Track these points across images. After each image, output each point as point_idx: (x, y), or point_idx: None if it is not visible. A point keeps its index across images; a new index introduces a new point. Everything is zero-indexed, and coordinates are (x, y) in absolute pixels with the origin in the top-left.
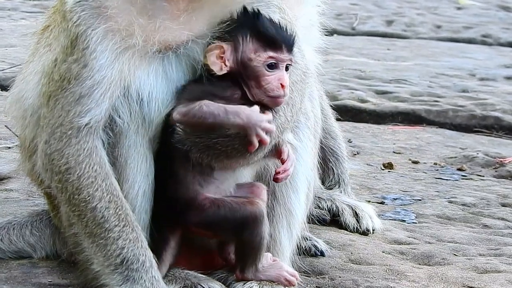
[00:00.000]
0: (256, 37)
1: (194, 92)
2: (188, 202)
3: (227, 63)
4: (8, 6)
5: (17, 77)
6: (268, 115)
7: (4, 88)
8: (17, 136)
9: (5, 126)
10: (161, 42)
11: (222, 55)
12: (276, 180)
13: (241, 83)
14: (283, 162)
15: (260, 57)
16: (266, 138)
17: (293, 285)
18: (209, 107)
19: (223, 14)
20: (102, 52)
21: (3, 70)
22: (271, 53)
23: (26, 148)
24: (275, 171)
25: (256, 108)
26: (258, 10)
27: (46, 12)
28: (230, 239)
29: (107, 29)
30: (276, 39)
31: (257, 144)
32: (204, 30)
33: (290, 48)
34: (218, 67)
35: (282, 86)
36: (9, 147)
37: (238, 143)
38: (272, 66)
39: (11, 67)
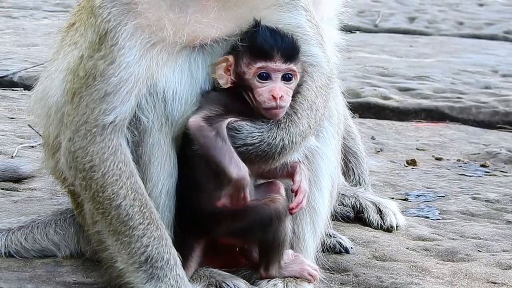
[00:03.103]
0: (248, 49)
1: (213, 101)
2: (212, 212)
3: (232, 76)
4: (30, 5)
5: (41, 75)
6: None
7: (27, 87)
8: (40, 135)
9: (28, 125)
10: (190, 35)
11: (230, 68)
12: (291, 213)
13: (245, 96)
14: (293, 192)
15: (251, 69)
16: (237, 203)
17: (316, 280)
18: (219, 144)
19: (252, 15)
20: (130, 49)
21: (25, 69)
22: (260, 64)
23: (49, 146)
24: (288, 206)
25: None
26: (259, 20)
27: (70, 10)
28: (257, 241)
29: (137, 26)
30: (266, 49)
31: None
32: (233, 28)
33: (288, 58)
34: (224, 81)
35: (274, 97)
36: (32, 146)
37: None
38: (263, 77)
39: (34, 66)
